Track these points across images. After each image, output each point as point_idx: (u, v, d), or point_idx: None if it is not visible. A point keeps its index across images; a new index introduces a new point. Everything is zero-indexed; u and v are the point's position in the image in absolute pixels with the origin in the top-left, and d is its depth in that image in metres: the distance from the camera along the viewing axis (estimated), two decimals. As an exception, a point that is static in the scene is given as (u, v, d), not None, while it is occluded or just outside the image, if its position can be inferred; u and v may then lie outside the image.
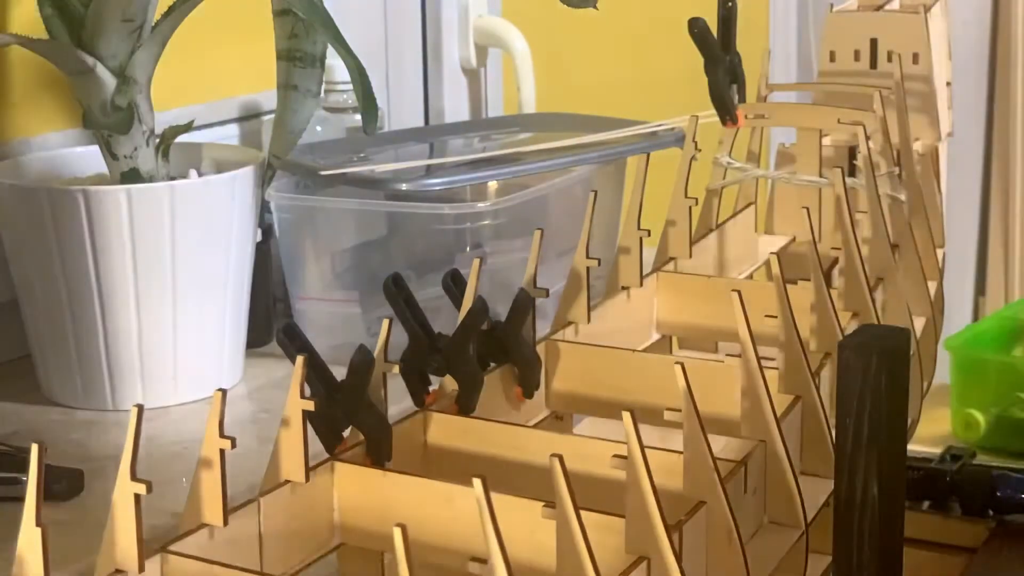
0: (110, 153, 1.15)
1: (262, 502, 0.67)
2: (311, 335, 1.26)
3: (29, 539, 0.55)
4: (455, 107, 1.76)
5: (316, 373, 0.70)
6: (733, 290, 0.77)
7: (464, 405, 0.78)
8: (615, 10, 1.56)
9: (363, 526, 0.71)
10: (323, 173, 1.25)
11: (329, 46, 1.17)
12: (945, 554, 1.11)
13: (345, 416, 0.71)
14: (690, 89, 1.30)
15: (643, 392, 0.84)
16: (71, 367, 1.15)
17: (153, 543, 0.62)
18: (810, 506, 0.77)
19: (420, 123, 1.73)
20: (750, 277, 1.12)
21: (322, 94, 1.29)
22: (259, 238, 1.24)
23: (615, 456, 0.64)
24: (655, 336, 1.00)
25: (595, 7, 1.15)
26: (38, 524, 0.55)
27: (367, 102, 1.12)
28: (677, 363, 0.69)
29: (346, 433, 0.73)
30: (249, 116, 1.46)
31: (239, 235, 1.17)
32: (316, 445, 0.70)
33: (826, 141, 1.18)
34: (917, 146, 1.22)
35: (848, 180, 0.97)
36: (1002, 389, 1.32)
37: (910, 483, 1.14)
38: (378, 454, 0.73)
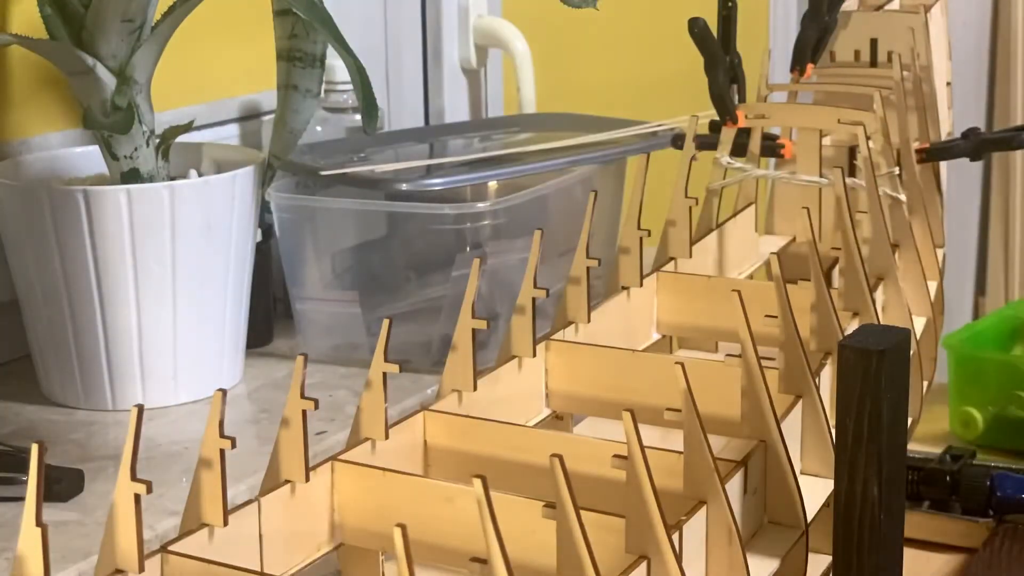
0: (110, 153, 1.15)
1: (262, 502, 0.67)
2: (311, 335, 1.27)
3: (29, 539, 0.55)
4: (455, 107, 1.76)
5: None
6: (733, 290, 0.77)
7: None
8: (615, 10, 1.56)
9: (363, 526, 0.71)
10: (323, 173, 1.25)
11: (329, 46, 1.17)
12: (945, 554, 1.11)
13: None
14: (690, 89, 1.30)
15: (643, 392, 0.84)
16: (71, 367, 1.15)
17: (153, 543, 0.62)
18: (810, 506, 0.76)
19: (420, 123, 1.73)
20: (750, 277, 1.12)
21: (322, 94, 1.29)
22: (259, 238, 1.24)
23: (615, 456, 0.64)
24: (655, 336, 1.00)
25: (595, 7, 1.15)
26: (38, 524, 0.54)
27: (367, 102, 1.12)
28: (677, 363, 0.69)
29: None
30: (249, 116, 1.46)
31: (239, 235, 1.17)
32: (316, 445, 0.70)
33: (826, 141, 1.18)
34: (917, 146, 1.22)
35: (848, 180, 0.97)
36: (1000, 387, 1.32)
37: (910, 483, 1.14)
38: None
